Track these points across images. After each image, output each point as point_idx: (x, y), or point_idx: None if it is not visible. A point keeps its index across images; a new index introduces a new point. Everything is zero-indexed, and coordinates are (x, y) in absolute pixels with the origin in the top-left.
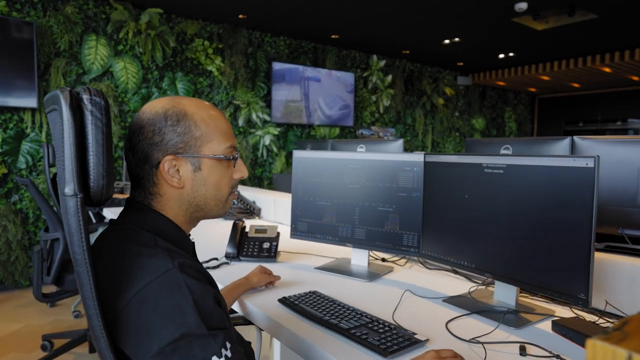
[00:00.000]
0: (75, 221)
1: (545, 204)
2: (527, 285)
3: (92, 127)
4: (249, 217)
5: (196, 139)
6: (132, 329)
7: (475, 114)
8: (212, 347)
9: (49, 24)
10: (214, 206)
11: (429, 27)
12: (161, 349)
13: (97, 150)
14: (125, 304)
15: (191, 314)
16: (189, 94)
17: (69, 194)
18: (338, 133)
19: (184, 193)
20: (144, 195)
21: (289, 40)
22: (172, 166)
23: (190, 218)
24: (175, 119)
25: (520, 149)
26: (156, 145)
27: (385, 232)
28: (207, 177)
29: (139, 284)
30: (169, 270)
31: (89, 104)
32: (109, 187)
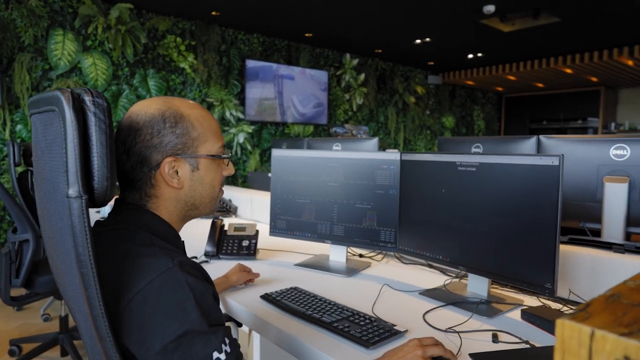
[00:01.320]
0: (80, 223)
1: (515, 199)
2: (498, 276)
3: (95, 128)
4: (226, 216)
5: (194, 139)
6: (134, 328)
7: (446, 112)
8: (213, 343)
9: (11, 17)
10: (208, 203)
11: (401, 26)
12: (164, 346)
13: (101, 152)
14: (127, 303)
15: (193, 312)
16: (161, 91)
17: (73, 196)
18: (312, 131)
19: (182, 193)
20: (139, 197)
21: (262, 37)
22: (172, 167)
23: (183, 217)
24: (174, 121)
25: (490, 147)
26: (155, 148)
27: (363, 229)
28: (204, 177)
29: (141, 283)
30: (170, 269)
31: (91, 105)
32: (112, 188)
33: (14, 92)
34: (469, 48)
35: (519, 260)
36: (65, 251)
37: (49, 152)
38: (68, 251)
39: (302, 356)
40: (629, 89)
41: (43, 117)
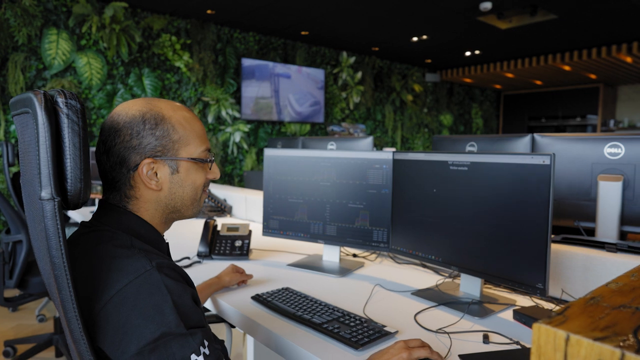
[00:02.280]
0: (53, 225)
1: (506, 199)
2: (490, 276)
3: (68, 130)
4: (221, 215)
5: (174, 142)
6: (111, 330)
7: (443, 110)
8: (191, 346)
9: (4, 16)
10: (190, 206)
11: (397, 24)
12: (140, 349)
13: (74, 154)
14: (104, 305)
15: (170, 314)
16: (156, 90)
17: (45, 198)
18: (309, 129)
19: (162, 195)
20: (119, 199)
21: (258, 36)
22: (151, 169)
23: (166, 219)
24: (154, 123)
25: (485, 146)
26: (134, 149)
27: (356, 229)
28: (184, 180)
29: (118, 285)
30: (147, 271)
31: (64, 107)
32: (86, 191)
33: (7, 92)
34: (466, 45)
35: (510, 260)
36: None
37: (27, 154)
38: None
39: (292, 357)
40: (627, 86)
41: (21, 118)
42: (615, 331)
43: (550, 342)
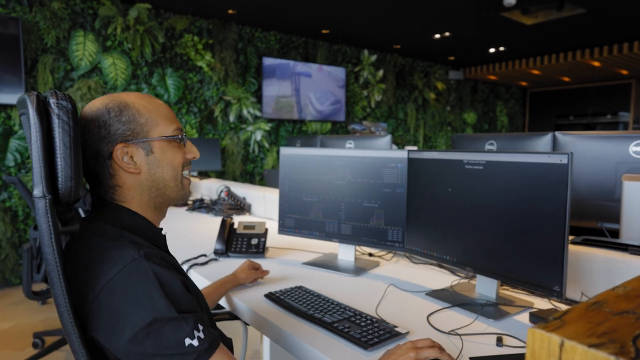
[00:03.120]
0: (45, 222)
1: (523, 199)
2: (506, 278)
3: (59, 130)
4: (240, 213)
5: (142, 125)
6: (104, 319)
7: (467, 108)
8: (184, 330)
9: (35, 19)
10: (174, 187)
11: (419, 21)
12: (134, 334)
13: (64, 153)
14: (96, 296)
15: (160, 299)
16: (179, 90)
17: (37, 196)
18: (329, 128)
19: (142, 178)
20: (104, 191)
21: (279, 35)
22: (125, 154)
23: (154, 204)
24: (118, 110)
25: (504, 144)
26: (104, 138)
27: (371, 228)
28: (161, 159)
29: (108, 274)
30: (135, 259)
31: (55, 107)
32: (77, 189)
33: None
34: (490, 42)
35: (526, 261)
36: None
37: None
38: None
39: (301, 355)
40: None
41: (23, 119)
42: (613, 338)
43: (545, 348)
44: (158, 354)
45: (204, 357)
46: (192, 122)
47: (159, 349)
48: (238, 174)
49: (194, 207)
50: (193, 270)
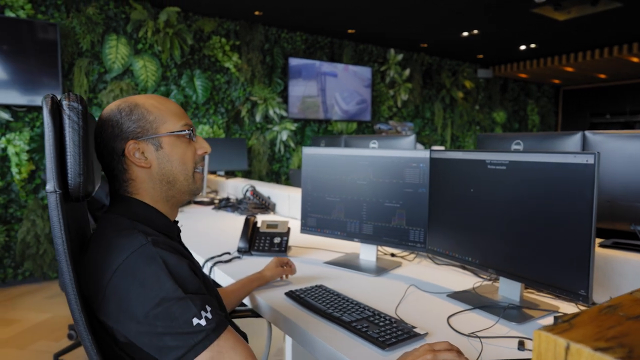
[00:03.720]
0: (56, 215)
1: (547, 200)
2: (529, 281)
3: (69, 130)
4: (264, 213)
5: (151, 122)
6: (116, 302)
7: (496, 107)
8: (192, 309)
9: (71, 25)
10: (184, 181)
11: (446, 19)
12: (145, 314)
13: (73, 151)
14: (108, 281)
15: (167, 281)
16: (206, 91)
17: (49, 190)
18: (355, 128)
19: (153, 172)
20: (119, 185)
21: (305, 35)
22: (137, 149)
23: (166, 197)
24: (129, 110)
25: (532, 144)
26: (117, 136)
27: (392, 228)
28: (170, 154)
29: (117, 260)
30: (143, 245)
31: (67, 108)
32: (86, 185)
33: None
34: (521, 39)
35: (551, 264)
36: None
37: None
38: None
39: (319, 353)
40: None
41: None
42: (622, 342)
43: (551, 350)
44: (167, 332)
45: (212, 336)
46: (220, 122)
47: (168, 328)
48: (264, 173)
49: (220, 206)
50: (217, 268)
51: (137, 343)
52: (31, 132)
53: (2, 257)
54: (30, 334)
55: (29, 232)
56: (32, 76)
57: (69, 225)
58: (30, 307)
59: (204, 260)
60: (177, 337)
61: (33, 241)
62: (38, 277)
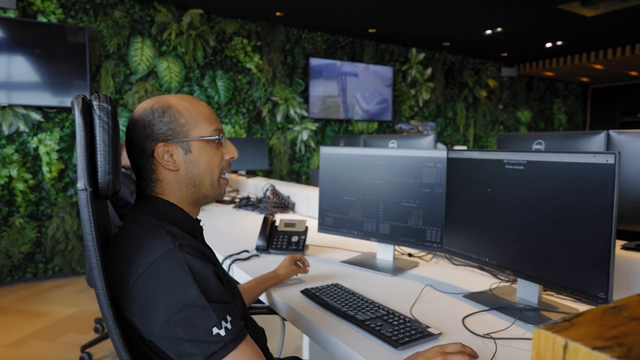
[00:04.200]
0: (86, 211)
1: (566, 201)
2: (547, 282)
3: (99, 129)
4: (284, 212)
5: (182, 125)
6: (141, 303)
7: (521, 106)
8: (212, 319)
9: (99, 28)
10: (209, 186)
11: (469, 17)
12: (167, 318)
13: (104, 150)
14: (134, 281)
15: (191, 287)
16: (228, 91)
17: (80, 188)
18: (376, 128)
19: (180, 175)
20: (146, 185)
21: (326, 35)
22: (166, 152)
23: (191, 199)
24: (161, 111)
25: (553, 144)
26: (148, 137)
27: (409, 228)
28: (198, 158)
29: (145, 262)
30: (171, 249)
31: (97, 109)
32: (115, 183)
33: None
34: (546, 36)
35: (569, 266)
36: None
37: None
38: None
39: (332, 350)
40: None
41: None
42: (622, 342)
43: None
44: (187, 339)
45: (229, 347)
46: (241, 122)
47: (189, 335)
48: (285, 173)
49: (240, 205)
50: (235, 265)
51: (158, 345)
52: (61, 132)
53: (34, 253)
54: (59, 326)
55: (58, 228)
56: (63, 78)
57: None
58: (59, 300)
59: (223, 257)
60: (196, 345)
61: (62, 237)
62: (67, 272)
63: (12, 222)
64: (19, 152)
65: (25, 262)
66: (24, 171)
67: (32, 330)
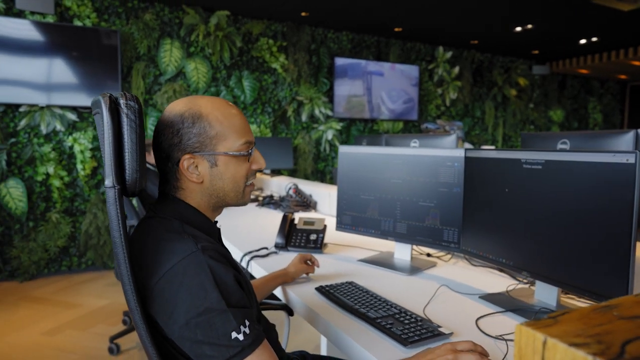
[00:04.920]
0: (114, 209)
1: (585, 201)
2: (564, 285)
3: (127, 128)
4: (306, 210)
5: (211, 138)
6: (163, 303)
7: (553, 105)
8: (232, 323)
9: (130, 31)
10: (233, 197)
11: (498, 14)
12: (187, 320)
13: (131, 148)
14: (157, 281)
15: (212, 291)
16: (254, 91)
17: (108, 186)
18: (402, 127)
19: (204, 187)
20: (169, 188)
21: (351, 35)
22: (191, 164)
23: (213, 207)
24: (191, 121)
25: (580, 143)
26: (176, 146)
27: (426, 227)
28: (224, 172)
29: (168, 264)
30: (193, 252)
31: (125, 107)
32: (141, 180)
33: None
34: (580, 32)
35: (588, 269)
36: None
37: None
38: None
39: (342, 347)
40: None
41: (96, 118)
42: (602, 340)
43: (530, 345)
44: (206, 342)
45: (247, 351)
46: (266, 121)
47: (208, 338)
48: (309, 172)
49: (263, 203)
50: (253, 262)
51: (178, 344)
52: (94, 132)
53: (68, 247)
54: (90, 317)
55: (91, 224)
56: (97, 79)
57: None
58: (91, 293)
59: (242, 254)
60: (215, 348)
61: (95, 232)
62: (99, 266)
63: (49, 217)
64: (55, 150)
65: (61, 256)
66: (60, 168)
67: (66, 320)
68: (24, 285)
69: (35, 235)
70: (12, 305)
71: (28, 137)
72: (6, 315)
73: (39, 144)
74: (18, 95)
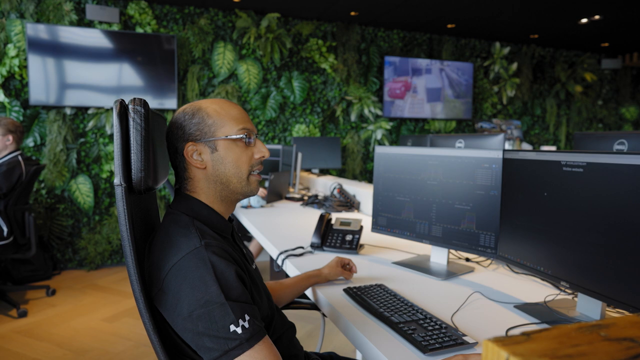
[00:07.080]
0: (121, 205)
1: (631, 207)
2: (607, 299)
3: (133, 130)
4: (348, 210)
5: (209, 125)
6: (168, 295)
7: (626, 102)
8: (230, 316)
9: (186, 35)
10: (237, 183)
11: (560, 6)
12: (190, 312)
13: (136, 149)
14: (165, 275)
15: (212, 285)
16: (303, 91)
17: (116, 184)
18: (454, 127)
19: (208, 173)
20: (181, 182)
21: (402, 33)
22: (194, 151)
23: (220, 197)
24: (191, 113)
25: (638, 144)
26: (180, 137)
27: (462, 231)
28: (224, 157)
29: (174, 258)
30: (197, 248)
31: (132, 112)
32: (146, 179)
33: (186, 99)
34: None
35: (633, 281)
36: None
37: None
38: None
39: (361, 349)
40: None
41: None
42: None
43: None
44: (207, 334)
45: (245, 345)
46: (315, 121)
47: (208, 330)
48: (358, 172)
49: (307, 202)
50: (288, 261)
51: (181, 336)
52: None
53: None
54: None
55: None
56: (159, 82)
57: (133, 215)
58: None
59: (278, 252)
60: (214, 340)
61: None
62: None
63: (112, 212)
64: None
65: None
66: None
67: (124, 309)
68: (90, 274)
69: (100, 228)
70: (79, 292)
71: (95, 137)
72: (74, 301)
73: (104, 143)
74: (87, 99)
